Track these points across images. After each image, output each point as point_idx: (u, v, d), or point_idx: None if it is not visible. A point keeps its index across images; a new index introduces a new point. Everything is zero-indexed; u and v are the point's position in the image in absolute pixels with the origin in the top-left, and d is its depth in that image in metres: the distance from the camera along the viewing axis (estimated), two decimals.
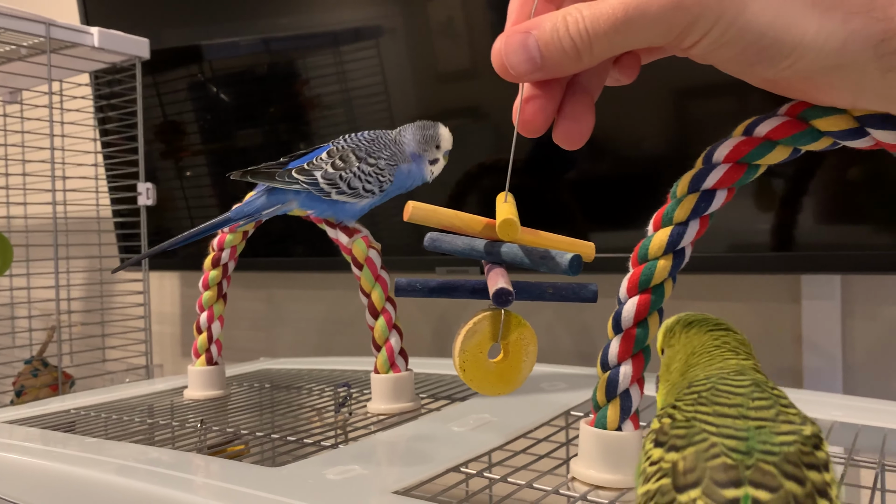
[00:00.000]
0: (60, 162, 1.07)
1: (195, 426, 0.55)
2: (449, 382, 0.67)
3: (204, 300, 0.67)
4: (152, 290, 1.35)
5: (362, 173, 0.55)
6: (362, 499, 0.36)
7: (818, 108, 0.33)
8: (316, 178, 0.55)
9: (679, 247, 0.37)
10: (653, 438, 0.25)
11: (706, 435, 0.23)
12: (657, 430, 0.25)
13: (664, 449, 0.23)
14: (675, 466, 0.22)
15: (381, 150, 0.56)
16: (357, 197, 0.56)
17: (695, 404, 0.25)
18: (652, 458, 0.24)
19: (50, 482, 0.45)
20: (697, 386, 0.27)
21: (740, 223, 0.73)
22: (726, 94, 0.72)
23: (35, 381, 0.99)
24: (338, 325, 1.18)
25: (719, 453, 0.22)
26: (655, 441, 0.24)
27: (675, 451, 0.23)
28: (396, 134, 0.58)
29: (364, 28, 0.97)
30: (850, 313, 0.78)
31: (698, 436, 0.23)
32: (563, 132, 0.32)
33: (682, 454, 0.22)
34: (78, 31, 0.96)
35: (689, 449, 0.22)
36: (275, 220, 0.68)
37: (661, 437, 0.24)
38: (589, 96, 0.33)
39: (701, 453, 0.22)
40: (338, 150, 0.56)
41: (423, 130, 0.57)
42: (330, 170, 0.55)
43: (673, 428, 0.24)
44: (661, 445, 0.24)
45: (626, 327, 0.37)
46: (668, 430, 0.24)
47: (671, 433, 0.24)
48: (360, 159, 0.56)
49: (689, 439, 0.23)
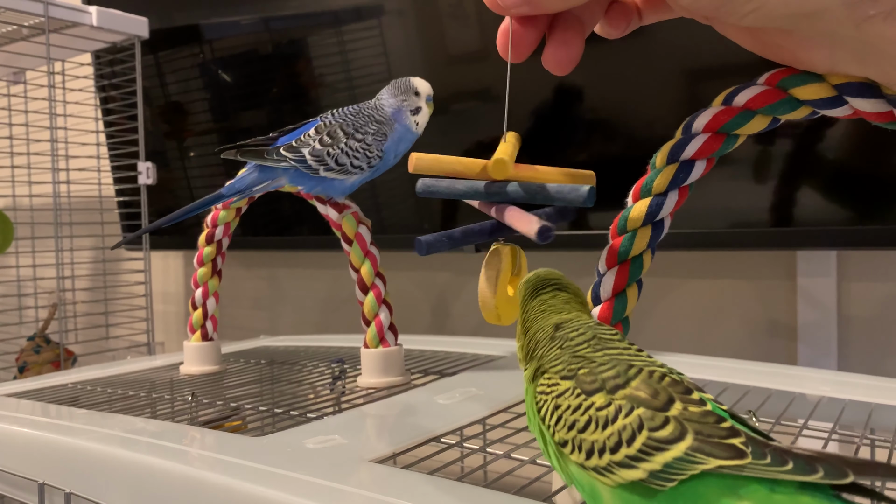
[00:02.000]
0: (63, 141, 1.07)
1: (186, 400, 0.56)
2: (441, 359, 0.67)
3: (199, 276, 0.68)
4: (157, 270, 1.37)
5: (350, 149, 0.55)
6: (336, 466, 0.36)
7: (797, 76, 0.32)
8: (304, 155, 0.55)
9: (658, 218, 0.37)
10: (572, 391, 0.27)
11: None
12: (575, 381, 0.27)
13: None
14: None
15: (368, 123, 0.56)
16: (345, 174, 0.56)
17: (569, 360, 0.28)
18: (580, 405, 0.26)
19: (46, 453, 0.46)
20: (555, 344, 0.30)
21: (736, 199, 0.73)
22: (732, 76, 0.72)
23: (37, 357, 1.00)
24: (339, 303, 1.18)
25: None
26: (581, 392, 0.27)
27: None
28: (376, 101, 0.58)
29: (367, 7, 0.97)
30: (846, 289, 0.77)
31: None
32: (551, 57, 0.33)
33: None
34: (76, 10, 0.96)
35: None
36: (276, 198, 0.69)
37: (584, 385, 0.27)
38: (580, 26, 0.33)
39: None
40: (325, 125, 0.56)
41: (395, 85, 0.57)
42: (317, 146, 0.55)
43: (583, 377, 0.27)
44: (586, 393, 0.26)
45: (605, 298, 0.37)
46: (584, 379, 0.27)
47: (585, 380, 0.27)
48: (348, 135, 0.56)
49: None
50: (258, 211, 0.69)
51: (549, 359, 0.29)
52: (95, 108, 1.19)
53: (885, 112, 0.32)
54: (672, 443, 0.23)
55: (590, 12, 0.34)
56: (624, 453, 0.24)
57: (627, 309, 0.38)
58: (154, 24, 1.08)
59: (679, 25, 0.37)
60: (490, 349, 0.69)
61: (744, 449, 0.22)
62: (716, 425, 0.23)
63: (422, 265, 1.07)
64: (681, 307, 0.88)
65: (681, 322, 0.88)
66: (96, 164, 1.14)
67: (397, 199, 0.98)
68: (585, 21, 0.34)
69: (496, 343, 0.72)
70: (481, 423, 0.45)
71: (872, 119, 0.32)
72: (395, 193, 0.98)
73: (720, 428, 0.23)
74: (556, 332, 0.30)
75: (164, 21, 1.16)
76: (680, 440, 0.23)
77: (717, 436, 0.23)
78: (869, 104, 0.31)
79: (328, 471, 0.35)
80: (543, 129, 0.84)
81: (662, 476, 0.23)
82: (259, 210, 0.68)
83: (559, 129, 0.84)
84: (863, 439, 0.42)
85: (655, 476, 0.23)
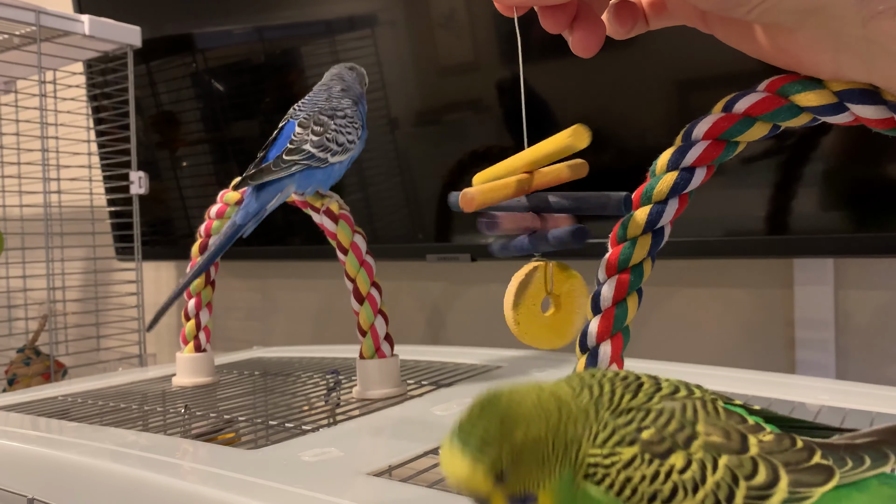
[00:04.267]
0: (54, 151, 1.07)
1: (179, 412, 0.55)
2: (437, 369, 0.66)
3: (192, 287, 0.67)
4: (149, 281, 1.35)
5: (341, 128, 0.57)
6: (333, 480, 0.35)
7: (797, 83, 0.32)
8: (309, 150, 0.56)
9: (658, 226, 0.36)
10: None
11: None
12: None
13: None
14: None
15: (340, 101, 0.58)
16: (346, 152, 0.57)
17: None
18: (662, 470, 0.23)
19: (38, 467, 0.45)
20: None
21: (733, 207, 0.73)
22: (727, 85, 0.72)
23: (27, 369, 0.99)
24: (332, 314, 1.17)
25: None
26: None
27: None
28: (339, 81, 0.60)
29: (360, 18, 0.97)
30: (843, 297, 0.77)
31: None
32: (578, 40, 0.34)
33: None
34: (68, 18, 0.95)
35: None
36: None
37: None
38: (595, 12, 0.34)
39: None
40: (306, 119, 0.57)
41: (354, 71, 0.61)
42: (314, 137, 0.56)
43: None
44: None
45: (605, 307, 0.37)
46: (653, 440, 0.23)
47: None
48: (331, 117, 0.57)
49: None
50: None
51: (589, 435, 0.24)
52: (87, 117, 1.18)
53: (887, 118, 0.31)
54: (772, 486, 0.22)
55: (598, 3, 0.34)
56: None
57: (628, 318, 0.37)
58: (146, 33, 1.07)
59: (674, 34, 0.37)
60: (487, 359, 0.69)
61: (829, 464, 0.22)
62: (795, 450, 0.22)
63: (416, 275, 1.06)
64: (677, 316, 0.88)
65: (677, 331, 0.88)
66: (88, 173, 1.13)
67: (390, 208, 0.98)
68: (598, 8, 0.34)
69: (493, 353, 0.71)
70: None
71: (874, 126, 0.32)
72: (388, 203, 0.98)
73: (799, 451, 0.22)
74: (573, 409, 0.25)
75: (157, 30, 1.16)
76: (777, 481, 0.22)
77: (803, 461, 0.22)
78: (870, 111, 0.31)
79: (325, 484, 0.35)
80: (539, 138, 0.84)
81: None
82: None
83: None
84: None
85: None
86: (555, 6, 0.33)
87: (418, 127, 0.94)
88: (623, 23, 0.34)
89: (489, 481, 0.23)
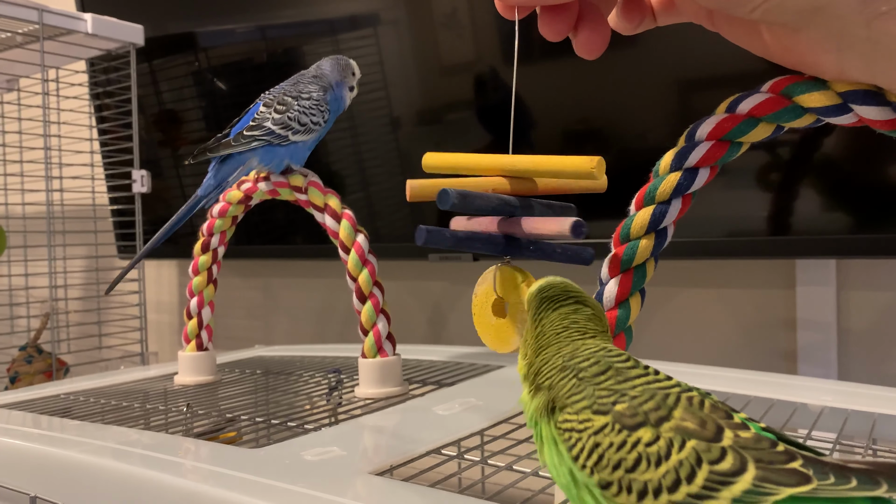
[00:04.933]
0: (57, 149, 1.07)
1: (181, 411, 0.55)
2: (439, 368, 0.66)
3: (194, 286, 0.67)
4: (150, 279, 1.36)
5: (305, 108, 0.60)
6: (336, 479, 0.35)
7: (801, 84, 0.32)
8: (269, 127, 0.59)
9: (661, 226, 0.36)
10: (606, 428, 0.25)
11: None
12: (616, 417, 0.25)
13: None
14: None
15: (309, 84, 0.61)
16: (309, 132, 0.60)
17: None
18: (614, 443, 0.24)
19: (40, 466, 0.45)
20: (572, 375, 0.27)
21: (735, 208, 0.72)
22: (729, 85, 0.72)
23: (29, 367, 0.99)
24: (334, 313, 1.17)
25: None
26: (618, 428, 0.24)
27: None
28: (315, 69, 0.63)
29: (362, 17, 0.97)
30: (845, 298, 0.77)
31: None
32: (583, 42, 0.34)
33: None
34: (71, 17, 0.95)
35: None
36: (270, 207, 0.68)
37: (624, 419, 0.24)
38: (600, 11, 0.34)
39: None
40: (272, 99, 0.61)
41: (338, 61, 0.63)
42: (276, 115, 0.59)
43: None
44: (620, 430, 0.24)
45: (608, 308, 0.37)
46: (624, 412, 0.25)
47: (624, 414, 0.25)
48: (296, 98, 0.60)
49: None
50: (252, 220, 0.68)
51: (566, 392, 0.26)
52: (90, 115, 1.18)
53: (891, 120, 0.31)
54: (736, 475, 0.22)
55: (605, 3, 0.34)
56: (685, 491, 0.22)
57: (630, 318, 0.37)
58: (149, 31, 1.07)
59: (677, 33, 0.37)
60: (489, 359, 0.69)
61: (807, 472, 0.22)
62: (772, 451, 0.23)
63: (417, 274, 1.06)
64: (679, 316, 0.88)
65: (679, 331, 0.88)
66: (90, 172, 1.13)
67: (392, 207, 0.98)
68: (603, 8, 0.34)
69: (494, 353, 0.71)
70: (481, 435, 0.44)
71: (878, 127, 0.32)
72: (390, 203, 0.98)
73: (777, 453, 0.22)
74: (568, 362, 0.27)
75: (160, 29, 1.16)
76: (743, 471, 0.22)
77: (777, 461, 0.22)
78: (874, 112, 0.31)
79: (327, 483, 0.35)
80: (539, 139, 0.84)
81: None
82: (253, 219, 0.68)
83: (556, 138, 0.84)
84: (867, 450, 0.42)
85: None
86: (556, 7, 0.33)
87: (420, 126, 0.94)
88: (630, 18, 0.34)
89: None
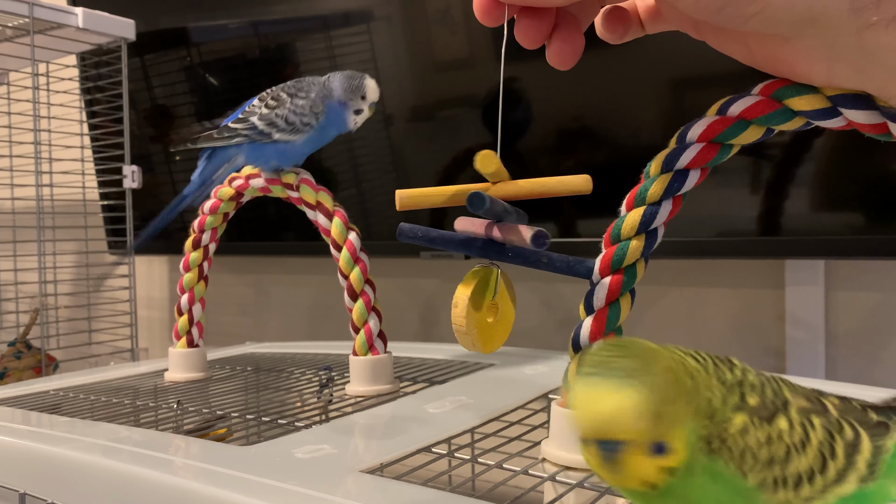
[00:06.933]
0: (47, 144, 1.06)
1: (171, 407, 0.55)
2: (430, 366, 0.66)
3: (185, 282, 0.67)
4: (141, 276, 1.35)
5: (296, 107, 0.56)
6: (326, 477, 0.36)
7: (791, 87, 0.32)
8: (253, 122, 0.56)
9: (652, 227, 0.36)
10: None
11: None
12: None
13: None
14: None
15: (310, 86, 0.58)
16: (296, 132, 0.57)
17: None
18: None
19: (30, 463, 0.45)
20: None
21: (725, 208, 0.73)
22: (720, 86, 0.72)
23: (18, 363, 0.98)
24: (325, 310, 1.17)
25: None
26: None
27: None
28: (325, 79, 0.59)
29: (355, 13, 0.97)
30: (834, 298, 0.78)
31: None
32: (555, 52, 0.33)
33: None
34: (62, 11, 0.95)
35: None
36: (261, 203, 0.68)
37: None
38: (577, 23, 0.33)
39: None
40: (268, 93, 0.58)
41: (350, 80, 0.58)
42: (265, 111, 0.57)
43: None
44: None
45: (598, 307, 0.37)
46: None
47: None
48: (292, 95, 0.57)
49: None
50: (244, 216, 0.68)
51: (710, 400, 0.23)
52: (80, 110, 1.17)
53: (879, 123, 0.32)
54: (858, 440, 0.23)
55: (585, 14, 0.34)
56: (833, 469, 0.22)
57: (620, 318, 0.37)
58: (141, 26, 1.07)
59: (669, 34, 0.37)
60: (480, 357, 0.69)
61: (886, 421, 0.23)
62: (859, 410, 0.24)
63: (409, 272, 1.06)
64: (668, 315, 0.88)
65: (668, 330, 0.88)
66: (81, 167, 1.12)
67: (384, 204, 0.98)
68: (581, 20, 0.34)
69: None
70: (472, 433, 0.44)
71: (866, 130, 0.32)
72: (382, 200, 0.98)
73: (861, 411, 0.24)
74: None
75: (151, 23, 1.15)
76: (860, 436, 0.23)
77: (867, 420, 0.23)
78: (863, 115, 0.31)
79: (318, 481, 0.35)
80: (532, 138, 0.84)
81: (869, 477, 0.23)
82: (245, 215, 0.68)
83: (548, 137, 0.84)
84: None
85: (864, 480, 0.23)
86: (534, 14, 0.32)
87: (413, 123, 0.94)
88: (613, 30, 0.34)
89: (635, 418, 0.21)
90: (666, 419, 0.21)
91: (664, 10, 0.34)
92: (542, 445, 0.38)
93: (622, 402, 0.21)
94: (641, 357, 0.22)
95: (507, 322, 0.40)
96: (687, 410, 0.22)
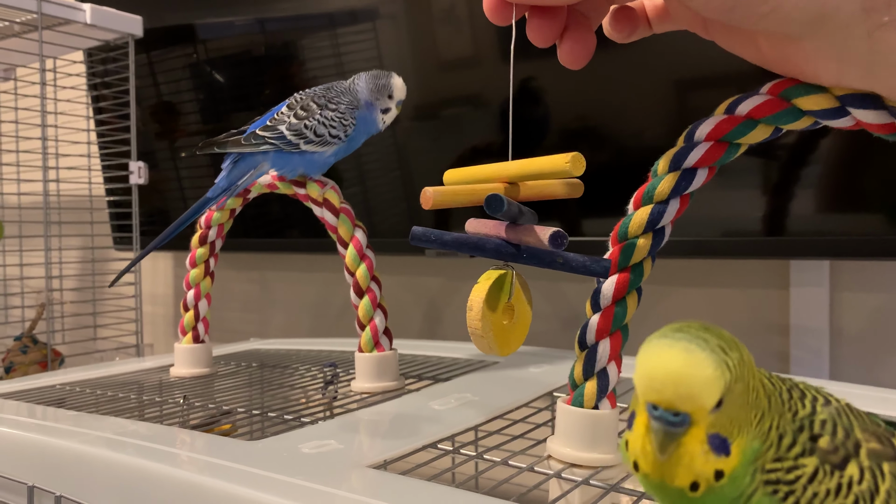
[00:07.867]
0: (54, 140, 1.06)
1: (177, 402, 0.55)
2: (435, 363, 0.66)
3: (191, 278, 0.67)
4: (146, 271, 1.35)
5: (325, 119, 0.56)
6: (333, 472, 0.36)
7: (800, 87, 0.32)
8: (281, 131, 0.56)
9: (659, 225, 0.37)
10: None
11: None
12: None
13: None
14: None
15: (340, 96, 0.57)
16: (325, 144, 0.56)
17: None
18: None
19: (37, 455, 0.45)
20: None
21: (730, 208, 0.73)
22: (727, 85, 0.72)
23: (24, 357, 0.99)
24: (330, 307, 1.18)
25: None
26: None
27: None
28: (350, 83, 0.58)
29: (361, 11, 0.97)
30: (838, 300, 0.77)
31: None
32: (567, 51, 0.33)
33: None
34: (70, 7, 0.95)
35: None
36: (267, 200, 0.68)
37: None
38: (588, 23, 0.34)
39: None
40: (297, 101, 0.57)
41: (376, 80, 0.57)
42: (294, 121, 0.56)
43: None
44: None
45: (605, 305, 0.37)
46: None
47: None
48: (321, 106, 0.56)
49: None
50: (249, 213, 0.68)
51: (780, 422, 0.22)
52: (87, 106, 1.18)
53: (888, 123, 0.32)
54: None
55: (595, 12, 0.34)
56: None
57: (627, 316, 0.38)
58: (148, 23, 1.07)
59: (676, 32, 0.37)
60: (484, 355, 0.69)
61: None
62: None
63: (413, 270, 1.06)
64: (673, 315, 0.88)
65: None
66: (87, 163, 1.13)
67: (389, 202, 0.98)
68: (592, 19, 0.34)
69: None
70: (476, 430, 0.44)
71: (874, 130, 0.32)
72: (387, 197, 0.98)
73: None
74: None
75: (158, 20, 1.15)
76: None
77: None
78: (872, 115, 0.31)
79: (324, 476, 0.35)
80: (538, 137, 0.84)
81: None
82: (250, 212, 0.68)
83: (556, 135, 0.84)
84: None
85: None
86: (545, 13, 0.32)
87: (418, 121, 0.94)
88: (621, 29, 0.35)
89: (712, 389, 0.18)
90: (737, 417, 0.20)
91: (674, 10, 0.35)
92: (548, 442, 0.38)
93: (701, 368, 0.18)
94: (733, 340, 0.20)
95: (523, 324, 0.40)
96: (757, 426, 0.21)
